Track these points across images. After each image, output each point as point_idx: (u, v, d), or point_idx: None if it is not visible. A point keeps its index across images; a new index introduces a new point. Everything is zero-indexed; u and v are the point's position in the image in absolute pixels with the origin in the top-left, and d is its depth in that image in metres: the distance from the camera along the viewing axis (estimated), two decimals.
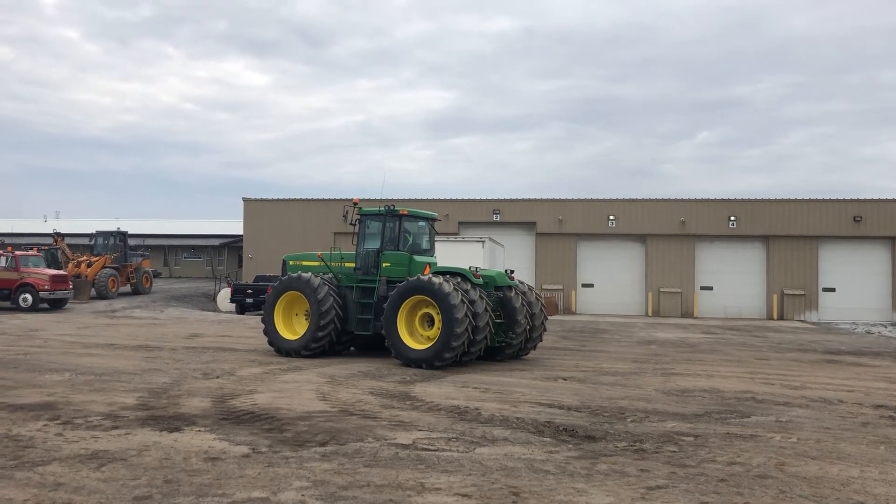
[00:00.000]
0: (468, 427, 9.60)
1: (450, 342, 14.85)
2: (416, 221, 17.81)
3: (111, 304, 35.87)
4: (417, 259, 17.15)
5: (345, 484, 6.94)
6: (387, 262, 16.90)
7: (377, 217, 17.33)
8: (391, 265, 16.88)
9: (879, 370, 17.40)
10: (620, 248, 40.19)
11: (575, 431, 9.50)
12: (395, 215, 17.10)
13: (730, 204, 39.32)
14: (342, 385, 12.90)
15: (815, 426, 10.24)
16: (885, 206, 37.97)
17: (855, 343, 25.21)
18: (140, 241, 52.75)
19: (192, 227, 63.28)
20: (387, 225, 17.11)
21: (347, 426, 9.47)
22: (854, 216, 37.87)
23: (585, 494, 6.79)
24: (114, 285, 38.79)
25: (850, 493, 7.06)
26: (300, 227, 42.17)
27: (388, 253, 16.96)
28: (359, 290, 16.99)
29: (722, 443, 9.05)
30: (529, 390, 12.84)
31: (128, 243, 42.34)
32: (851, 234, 38.00)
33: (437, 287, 15.10)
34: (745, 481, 7.34)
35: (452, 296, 14.90)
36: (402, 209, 17.22)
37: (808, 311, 38.06)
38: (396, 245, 17.07)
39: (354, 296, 16.96)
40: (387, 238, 17.08)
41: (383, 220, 17.16)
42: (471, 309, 15.12)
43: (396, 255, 16.99)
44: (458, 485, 6.99)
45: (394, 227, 17.12)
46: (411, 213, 17.48)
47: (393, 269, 16.83)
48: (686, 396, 12.58)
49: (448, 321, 14.89)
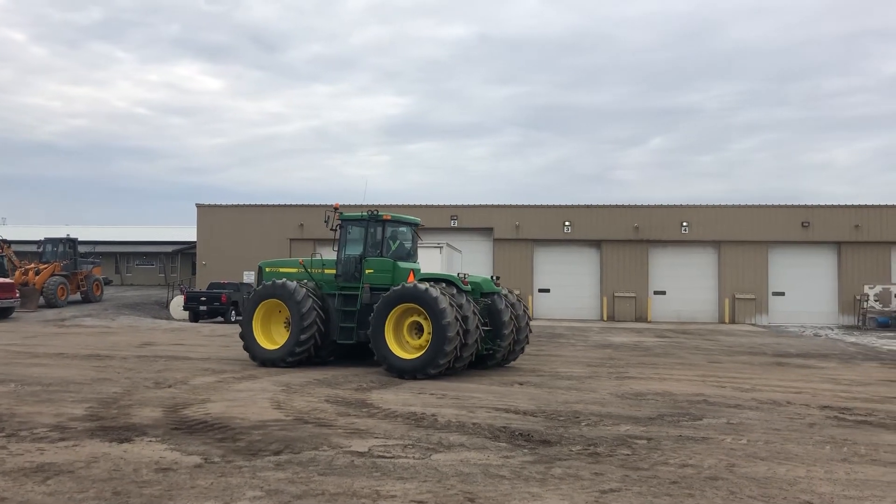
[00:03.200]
0: (424, 433, 9.59)
1: (441, 351, 14.45)
2: (399, 227, 17.28)
3: (60, 312, 35.03)
4: (401, 265, 16.65)
5: (299, 493, 6.87)
6: (370, 269, 16.43)
7: (359, 222, 16.85)
8: (374, 272, 16.40)
9: (826, 372, 17.86)
10: (576, 254, 40.62)
11: (530, 436, 9.55)
12: (379, 220, 16.65)
13: (682, 210, 40.03)
14: (297, 393, 12.78)
15: (765, 428, 10.46)
16: (831, 211, 39.02)
17: (803, 346, 25.83)
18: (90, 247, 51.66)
19: (145, 234, 62.19)
20: (369, 230, 16.66)
21: (302, 434, 9.38)
22: (802, 221, 38.84)
23: (540, 499, 6.83)
24: (63, 293, 37.91)
25: (797, 492, 7.22)
26: (255, 234, 41.76)
27: (371, 259, 16.50)
28: (341, 297, 16.49)
29: (674, 445, 9.19)
30: (486, 395, 12.88)
31: (77, 250, 41.42)
32: (800, 239, 38.99)
33: (427, 294, 14.66)
34: (696, 483, 7.46)
35: (442, 303, 14.49)
36: (385, 214, 16.75)
37: (759, 315, 38.90)
38: (380, 251, 16.62)
39: (336, 304, 16.44)
40: (370, 244, 16.63)
41: (366, 226, 16.70)
42: (461, 316, 14.77)
43: (380, 261, 16.50)
44: (413, 492, 6.97)
45: (377, 232, 16.68)
46: (395, 219, 16.99)
47: (376, 276, 16.37)
48: (640, 400, 12.74)
49: (438, 329, 14.48)
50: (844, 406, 12.41)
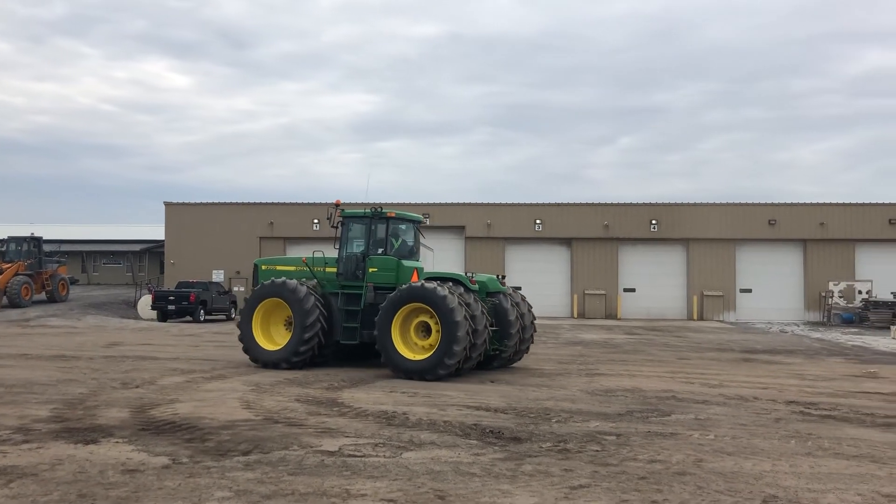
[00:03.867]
0: (395, 432, 9.58)
1: (450, 352, 14.07)
2: (401, 224, 16.76)
3: (25, 312, 34.43)
4: (406, 264, 16.20)
5: (268, 493, 6.82)
6: (373, 268, 15.92)
7: (362, 219, 16.34)
8: (378, 270, 15.90)
9: (792, 367, 18.15)
10: (547, 252, 40.83)
11: (501, 433, 9.58)
12: (383, 217, 16.14)
13: (651, 208, 40.42)
14: (267, 393, 12.69)
15: (732, 423, 10.59)
16: (797, 209, 39.65)
17: (770, 342, 26.22)
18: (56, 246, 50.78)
19: (112, 233, 61.30)
20: (373, 228, 16.15)
21: (272, 434, 9.32)
22: (769, 220, 39.41)
23: (510, 496, 6.86)
24: (27, 293, 37.27)
25: (763, 486, 7.32)
26: (224, 232, 41.40)
27: (374, 257, 15.99)
28: (343, 296, 15.98)
29: (643, 441, 9.27)
30: (457, 393, 12.89)
31: (42, 249, 40.73)
32: (766, 236, 39.56)
33: (436, 295, 14.24)
34: (664, 478, 7.54)
35: (452, 303, 14.10)
36: (389, 211, 16.29)
37: (727, 312, 39.42)
38: (384, 249, 16.17)
39: (339, 303, 15.95)
40: (373, 242, 16.13)
41: (369, 223, 16.18)
42: (470, 316, 14.36)
43: (383, 259, 16.01)
44: (383, 490, 6.96)
45: (380, 229, 16.16)
46: (399, 216, 16.52)
47: (380, 275, 15.87)
48: (609, 396, 12.84)
49: (448, 330, 14.09)
50: (809, 401, 12.62)
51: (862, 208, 39.48)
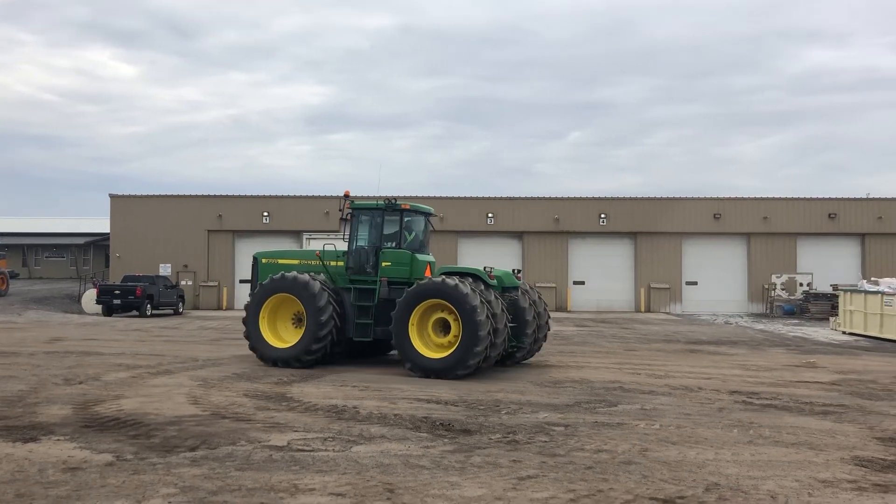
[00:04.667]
0: (345, 426, 9.55)
1: (472, 349, 13.56)
2: (416, 216, 16.13)
3: None
4: (419, 258, 15.67)
5: (215, 489, 6.74)
6: (387, 262, 15.29)
7: (374, 212, 15.65)
8: (391, 264, 15.27)
9: (736, 358, 18.60)
10: (499, 245, 41.05)
11: (451, 426, 9.63)
12: (396, 209, 15.47)
13: (600, 202, 40.97)
14: (215, 388, 12.52)
15: (677, 413, 10.82)
16: (741, 204, 40.59)
17: (715, 333, 26.83)
18: None
19: (54, 226, 59.65)
20: (386, 220, 15.53)
21: (219, 430, 9.20)
22: (714, 214, 40.25)
23: (459, 487, 6.90)
24: None
25: (706, 474, 7.50)
26: (172, 225, 40.67)
27: (387, 251, 15.37)
28: (356, 292, 15.36)
29: (590, 431, 9.41)
30: (409, 386, 12.90)
31: None
32: (711, 230, 40.42)
33: (458, 291, 13.68)
34: (610, 468, 7.67)
35: (474, 301, 13.58)
36: (403, 203, 15.63)
37: (673, 304, 40.20)
38: (397, 243, 15.58)
39: (352, 298, 15.32)
40: (386, 235, 15.52)
41: (382, 216, 15.53)
42: (490, 313, 13.87)
43: (397, 253, 15.39)
44: (332, 484, 6.94)
45: (393, 222, 15.55)
46: (413, 208, 15.84)
47: (393, 269, 15.24)
48: (558, 388, 13.00)
49: (470, 327, 13.57)
50: (752, 391, 12.95)
51: (803, 203, 40.59)
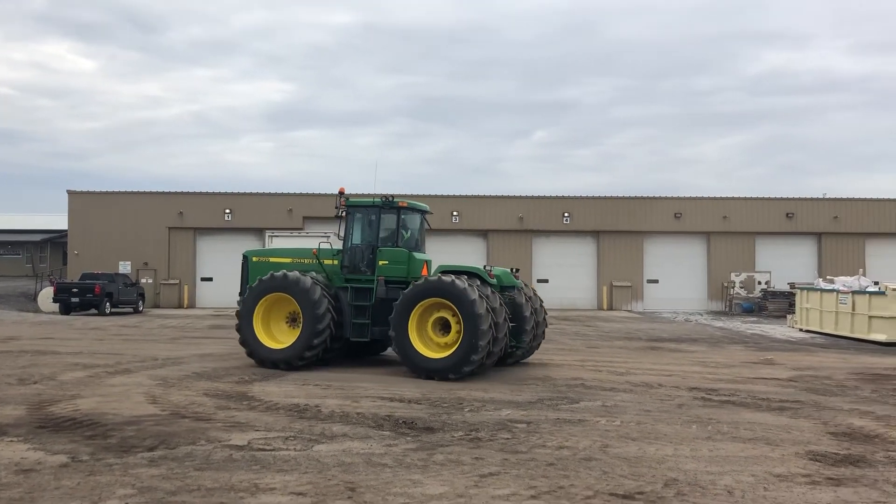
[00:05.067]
0: (307, 425, 9.49)
1: (474, 349, 13.34)
2: (413, 214, 15.85)
3: None
4: (417, 256, 15.41)
5: (173, 489, 6.65)
6: (384, 260, 15.00)
7: (371, 209, 15.36)
8: (389, 263, 15.00)
9: (695, 355, 18.88)
10: (464, 244, 41.10)
11: (414, 424, 9.62)
12: (393, 207, 15.22)
13: (564, 201, 41.28)
14: (175, 387, 12.35)
15: (637, 409, 10.95)
16: (701, 203, 41.19)
17: (675, 330, 27.20)
18: None
19: (10, 222, 58.28)
20: (383, 218, 15.26)
21: (179, 429, 9.08)
22: (675, 213, 40.79)
23: (421, 485, 6.90)
24: None
25: (665, 470, 7.60)
26: (131, 222, 40.02)
27: (384, 249, 15.08)
28: (352, 291, 15.05)
29: (552, 428, 9.48)
30: (372, 385, 12.86)
31: None
32: (672, 229, 40.95)
33: (460, 291, 13.46)
34: (571, 464, 7.73)
35: (476, 300, 13.37)
36: (400, 200, 15.42)
37: (635, 302, 40.67)
38: (394, 241, 15.29)
39: (348, 298, 15.01)
40: (383, 233, 15.26)
41: (378, 213, 15.25)
42: (493, 314, 13.70)
43: (394, 251, 15.11)
44: (293, 483, 6.89)
45: (390, 220, 15.30)
46: (410, 206, 15.61)
47: (391, 268, 14.96)
48: (521, 385, 13.07)
49: (471, 327, 13.35)
50: (710, 387, 13.15)
51: (762, 203, 41.32)
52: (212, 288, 40.38)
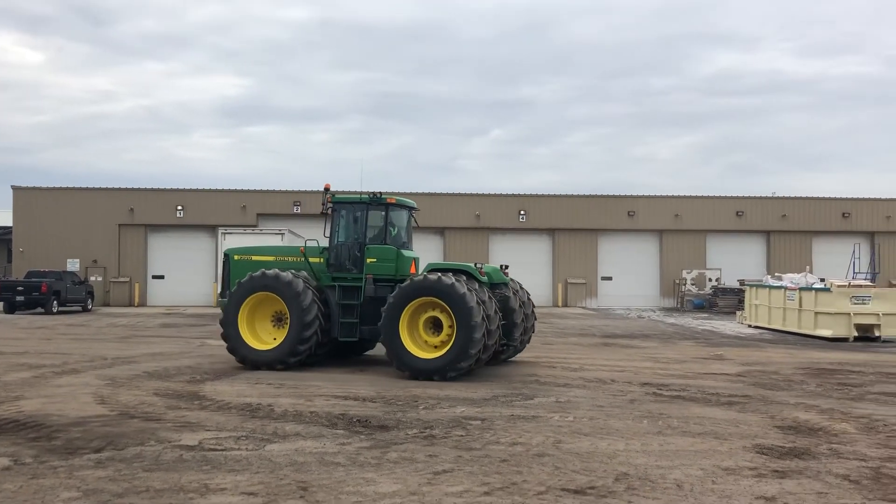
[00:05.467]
0: (259, 424, 9.38)
1: (468, 347, 13.10)
2: (400, 211, 15.53)
3: None
4: (405, 254, 15.15)
5: (120, 491, 6.52)
6: (372, 258, 14.70)
7: (358, 206, 15.04)
8: (377, 261, 14.70)
9: (647, 351, 19.16)
10: (421, 241, 40.80)
11: (368, 422, 9.59)
12: (381, 203, 14.91)
13: (520, 199, 41.55)
14: (124, 387, 12.11)
15: (590, 405, 11.07)
16: (654, 201, 41.82)
17: (628, 327, 27.57)
18: None
19: None
20: (370, 215, 14.98)
21: (127, 430, 8.90)
22: (628, 211, 41.36)
23: (374, 483, 6.88)
24: None
25: (616, 464, 7.70)
26: (80, 219, 39.14)
27: (372, 247, 14.78)
28: (340, 290, 14.75)
29: (506, 425, 9.53)
30: (326, 383, 12.78)
31: None
32: (626, 227, 41.52)
33: (451, 288, 13.22)
34: (524, 460, 7.78)
35: (469, 299, 13.13)
36: (389, 196, 15.07)
37: (589, 298, 41.13)
38: (383, 238, 14.99)
39: (336, 297, 14.72)
40: (371, 230, 14.98)
41: (366, 210, 14.96)
42: (486, 314, 13.45)
43: (383, 249, 14.80)
44: (244, 483, 6.81)
45: (378, 217, 15.00)
46: (398, 202, 15.34)
47: (379, 266, 14.67)
48: (476, 382, 13.10)
49: (465, 328, 13.11)
50: (662, 382, 13.36)
51: (712, 201, 42.11)
52: (163, 286, 39.71)
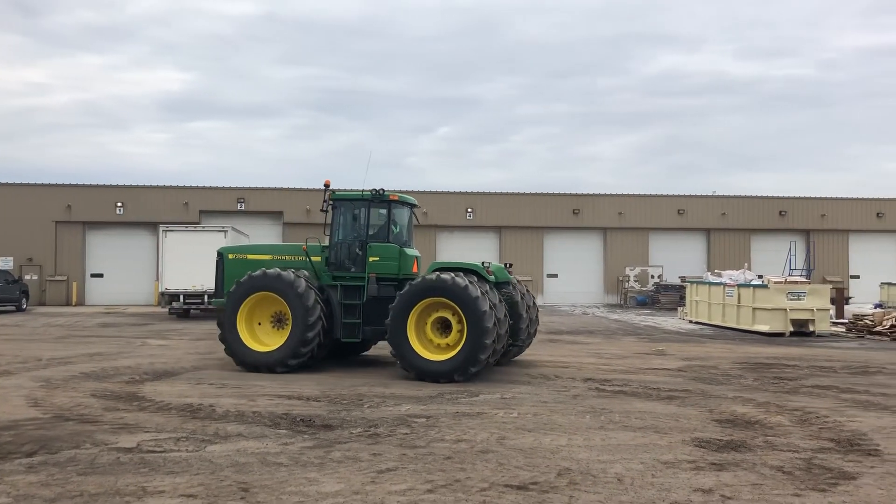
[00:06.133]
0: (200, 425, 9.22)
1: (480, 348, 12.78)
2: (402, 208, 15.18)
3: None
4: (408, 252, 14.78)
5: (53, 496, 6.33)
6: (374, 256, 14.31)
7: (359, 203, 14.64)
8: (380, 259, 14.31)
9: (591, 347, 19.43)
10: None
11: (312, 421, 9.50)
12: (384, 201, 14.55)
13: (467, 197, 41.67)
14: (59, 389, 11.76)
15: (534, 401, 11.17)
16: (598, 200, 42.38)
17: (573, 323, 27.91)
18: None
19: None
20: (372, 212, 14.62)
21: (62, 433, 8.65)
22: (573, 209, 41.84)
23: (317, 483, 6.82)
24: None
25: (559, 459, 7.78)
26: (13, 216, 37.86)
27: (375, 245, 14.39)
28: (342, 289, 14.38)
29: (451, 422, 9.55)
30: (269, 383, 12.61)
31: None
32: (571, 225, 42.00)
33: (461, 288, 12.86)
34: (468, 457, 7.81)
35: (482, 303, 12.82)
36: (392, 193, 14.66)
37: (535, 295, 41.45)
38: (386, 236, 14.64)
39: (338, 296, 14.33)
40: (373, 227, 14.61)
41: (367, 207, 14.58)
42: (497, 316, 13.15)
43: (385, 247, 14.43)
44: (183, 486, 6.67)
45: (381, 214, 14.68)
46: (401, 199, 14.95)
47: (381, 265, 14.29)
48: (422, 380, 13.08)
49: (476, 331, 12.77)
50: (604, 378, 13.56)
51: (655, 199, 42.88)
52: (102, 284, 38.69)
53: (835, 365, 15.86)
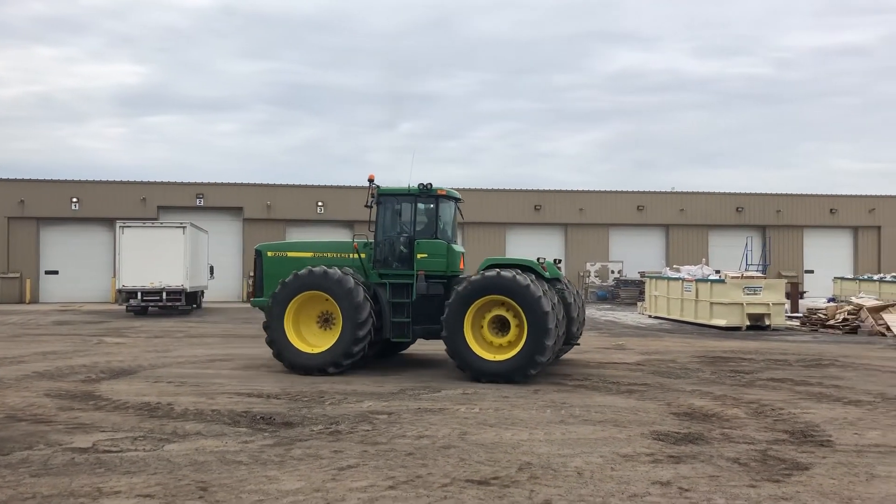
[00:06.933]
0: (158, 424, 9.08)
1: (541, 348, 12.41)
2: (447, 203, 14.64)
3: None
4: (455, 248, 14.42)
5: (4, 498, 6.18)
6: (422, 253, 13.85)
7: (405, 198, 14.18)
8: (428, 256, 13.86)
9: None
10: (330, 234, 40.57)
11: (272, 419, 9.42)
12: (431, 195, 14.08)
13: None
14: (11, 388, 11.50)
15: (496, 396, 11.22)
16: (560, 196, 42.71)
17: None
18: None
19: None
20: (419, 207, 14.17)
21: (14, 433, 8.46)
22: (535, 205, 42.09)
23: (277, 481, 6.76)
24: None
25: (520, 454, 7.83)
26: None
27: (422, 242, 13.91)
28: (390, 287, 13.94)
29: (413, 418, 9.55)
30: (229, 381, 12.49)
31: None
32: (533, 221, 42.25)
33: (523, 287, 12.48)
34: (430, 453, 7.81)
35: (545, 304, 12.45)
36: (439, 188, 14.15)
37: None
38: (433, 232, 14.16)
39: (387, 295, 13.90)
40: (421, 223, 14.19)
41: (414, 202, 14.16)
42: (557, 316, 12.79)
43: (433, 244, 13.95)
44: (140, 486, 6.57)
45: (428, 210, 14.22)
46: (448, 194, 14.46)
47: (430, 262, 13.84)
48: (384, 376, 13.07)
49: (537, 331, 12.42)
50: (565, 372, 13.67)
51: (615, 196, 43.33)
52: (58, 281, 37.88)
53: (789, 358, 16.20)
